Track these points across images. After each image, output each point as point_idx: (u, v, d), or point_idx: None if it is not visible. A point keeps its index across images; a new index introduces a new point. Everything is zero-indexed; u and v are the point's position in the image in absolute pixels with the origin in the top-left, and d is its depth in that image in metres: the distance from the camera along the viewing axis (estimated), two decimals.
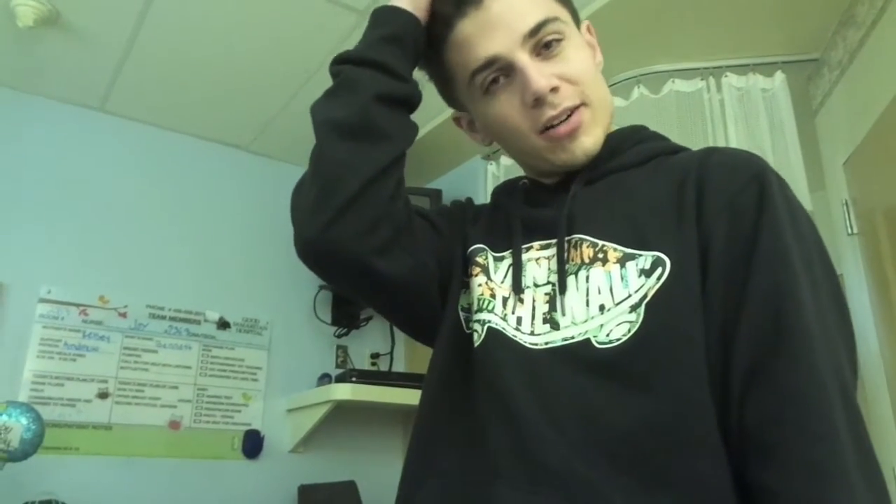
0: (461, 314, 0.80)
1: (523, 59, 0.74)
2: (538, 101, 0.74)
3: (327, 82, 0.80)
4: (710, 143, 1.94)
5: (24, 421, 1.78)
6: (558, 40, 0.75)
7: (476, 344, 0.74)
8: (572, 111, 0.75)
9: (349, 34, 2.02)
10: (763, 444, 0.60)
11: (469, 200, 0.94)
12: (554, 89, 0.74)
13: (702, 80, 2.01)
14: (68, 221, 2.33)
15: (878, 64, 1.67)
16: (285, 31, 2.03)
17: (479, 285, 0.77)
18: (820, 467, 0.57)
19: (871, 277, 1.73)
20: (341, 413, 2.40)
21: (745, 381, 0.62)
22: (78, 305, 2.28)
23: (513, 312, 0.74)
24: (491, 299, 0.76)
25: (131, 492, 2.18)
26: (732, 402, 0.62)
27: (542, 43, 0.75)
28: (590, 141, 0.77)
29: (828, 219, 1.92)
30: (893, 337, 1.62)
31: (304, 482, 2.39)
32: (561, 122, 0.75)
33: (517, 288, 0.75)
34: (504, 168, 2.47)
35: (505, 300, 0.75)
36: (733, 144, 1.91)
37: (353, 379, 2.33)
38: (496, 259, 0.80)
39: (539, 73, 0.73)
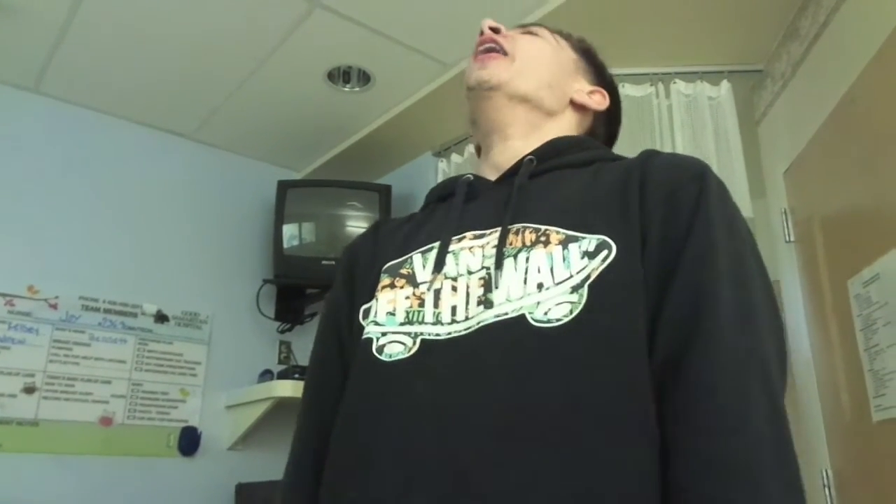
0: (372, 331, 0.75)
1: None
2: (481, 34, 0.87)
3: (276, 72, 0.78)
4: (658, 148, 1.96)
5: None
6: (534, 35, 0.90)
7: (402, 357, 0.70)
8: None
9: (300, 23, 1.97)
10: (673, 439, 0.59)
11: (370, 229, 0.93)
12: (496, 30, 0.87)
13: (651, 85, 2.04)
14: None
15: (819, 77, 1.72)
16: (234, 16, 1.96)
17: (407, 297, 0.74)
18: (729, 464, 0.55)
19: (807, 285, 1.79)
20: (283, 410, 2.34)
21: (661, 374, 0.62)
22: (4, 295, 2.16)
23: (440, 306, 0.71)
24: (420, 309, 0.72)
25: (60, 491, 2.09)
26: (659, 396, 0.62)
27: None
28: (485, 74, 0.84)
29: (767, 226, 1.97)
30: (825, 342, 1.67)
31: (242, 480, 2.34)
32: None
33: (438, 267, 0.74)
34: (455, 165, 2.46)
35: (437, 298, 0.72)
36: (679, 150, 1.94)
37: (296, 376, 2.30)
38: (423, 254, 0.78)
39: (494, 21, 0.87)
